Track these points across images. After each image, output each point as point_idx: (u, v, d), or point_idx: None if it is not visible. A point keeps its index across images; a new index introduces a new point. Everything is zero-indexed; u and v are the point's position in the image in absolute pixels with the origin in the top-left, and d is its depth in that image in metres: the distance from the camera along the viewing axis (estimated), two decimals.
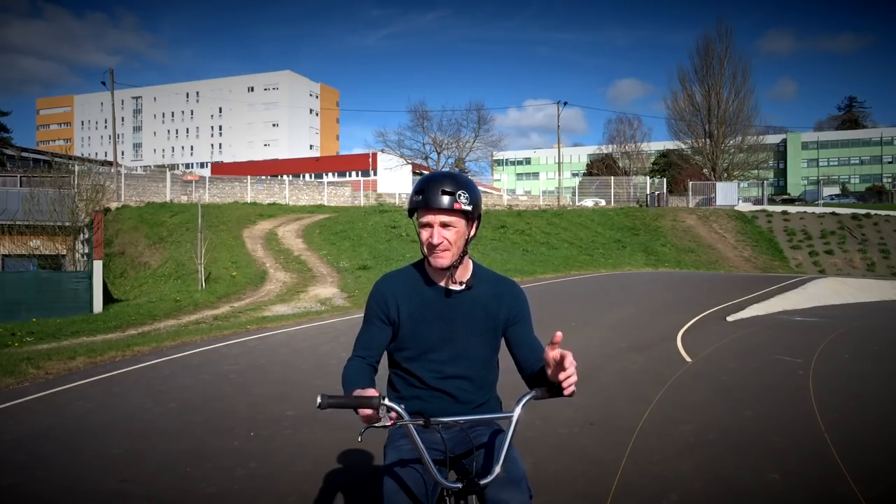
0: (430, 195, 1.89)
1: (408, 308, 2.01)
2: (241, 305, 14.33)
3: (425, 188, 1.91)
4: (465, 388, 2.03)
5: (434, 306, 2.01)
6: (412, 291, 2.03)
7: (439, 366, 2.01)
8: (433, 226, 1.92)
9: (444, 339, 2.01)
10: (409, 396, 2.04)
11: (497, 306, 2.04)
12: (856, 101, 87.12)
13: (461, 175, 1.98)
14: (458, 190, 1.90)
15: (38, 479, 3.89)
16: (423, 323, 2.01)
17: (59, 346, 9.90)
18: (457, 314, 2.01)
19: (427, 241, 1.93)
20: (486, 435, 2.00)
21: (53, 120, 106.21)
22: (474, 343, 2.03)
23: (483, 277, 2.07)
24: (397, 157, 53.28)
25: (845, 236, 30.54)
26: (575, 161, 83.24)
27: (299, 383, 6.55)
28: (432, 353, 2.01)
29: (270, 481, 3.81)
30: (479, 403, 2.07)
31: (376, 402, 1.70)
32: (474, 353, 2.04)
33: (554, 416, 5.06)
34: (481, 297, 2.03)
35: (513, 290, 2.09)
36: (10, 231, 17.69)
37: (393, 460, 1.90)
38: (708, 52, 49.30)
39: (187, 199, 31.41)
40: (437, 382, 2.01)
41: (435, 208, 1.89)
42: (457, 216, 1.92)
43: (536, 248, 25.96)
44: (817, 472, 3.93)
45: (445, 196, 1.89)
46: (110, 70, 39.34)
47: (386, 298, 2.03)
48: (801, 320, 11.72)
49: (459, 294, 2.02)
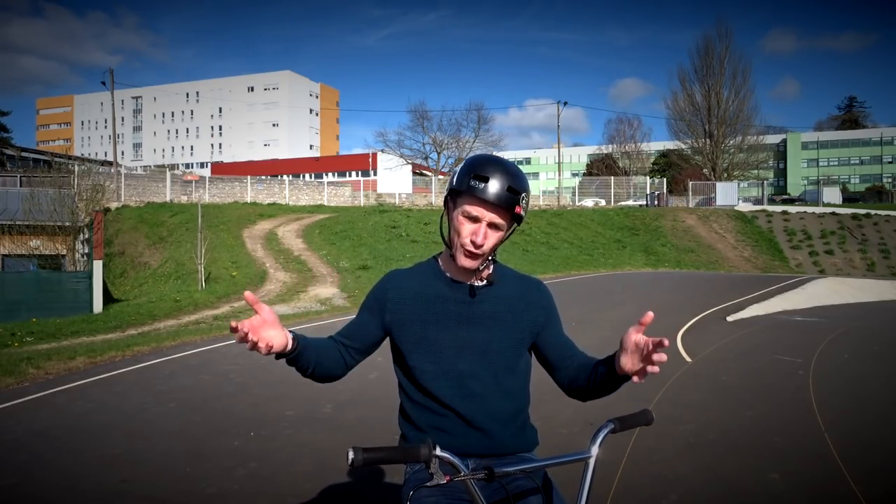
0: (495, 187, 1.57)
1: (415, 307, 1.71)
2: (241, 305, 14.33)
3: (491, 176, 1.58)
4: (491, 406, 1.69)
5: (450, 307, 1.70)
6: (424, 289, 1.73)
7: (460, 379, 1.67)
8: (482, 221, 1.61)
9: (464, 345, 1.68)
10: (425, 426, 1.69)
11: (524, 307, 1.74)
12: (856, 101, 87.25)
13: (524, 174, 1.67)
14: (523, 192, 1.61)
15: (38, 479, 3.89)
16: (434, 325, 1.69)
17: (59, 346, 9.89)
18: (478, 315, 1.70)
19: (470, 237, 1.62)
20: (528, 483, 1.62)
21: (53, 120, 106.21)
22: (503, 348, 1.70)
23: (506, 275, 1.78)
24: (397, 157, 53.31)
25: (845, 236, 30.53)
26: (575, 161, 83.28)
27: (299, 383, 6.52)
28: (450, 362, 1.68)
29: (270, 481, 3.81)
30: (513, 432, 1.73)
31: (427, 452, 1.34)
32: (502, 361, 1.70)
33: (554, 417, 5.07)
34: (505, 295, 1.73)
35: (539, 289, 1.80)
36: (10, 231, 17.70)
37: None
38: (708, 52, 49.42)
39: (187, 199, 31.40)
40: (458, 401, 1.67)
41: (493, 204, 1.59)
42: (508, 219, 1.64)
43: (536, 248, 25.95)
44: (817, 472, 3.93)
45: (510, 193, 1.59)
46: (110, 70, 39.38)
47: (387, 294, 1.74)
48: (801, 320, 11.72)
49: (481, 291, 1.71)
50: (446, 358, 1.68)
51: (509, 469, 1.45)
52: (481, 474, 1.39)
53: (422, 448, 1.35)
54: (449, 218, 1.70)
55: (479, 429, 1.67)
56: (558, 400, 5.61)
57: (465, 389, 1.67)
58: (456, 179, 1.64)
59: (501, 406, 1.70)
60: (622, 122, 65.65)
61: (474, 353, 1.68)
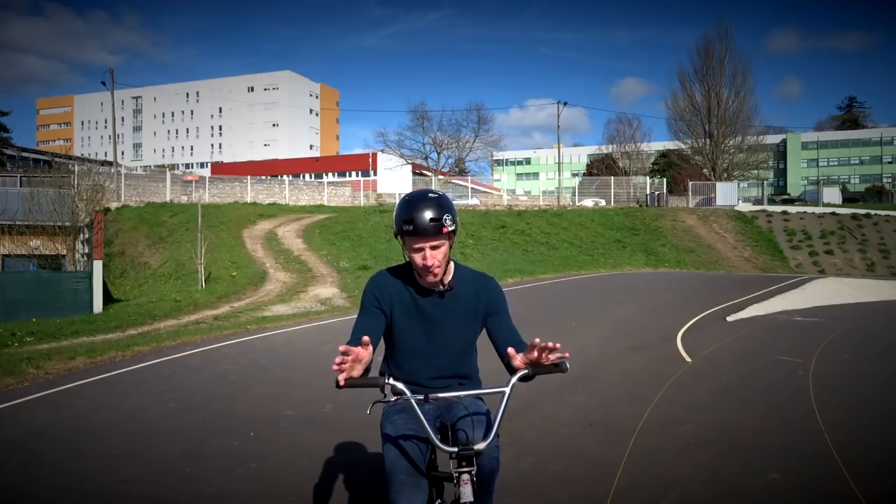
0: (419, 224, 2.03)
1: (400, 306, 2.22)
2: (241, 305, 14.33)
3: (413, 217, 2.03)
4: (450, 373, 2.28)
5: (423, 308, 2.22)
6: (404, 291, 2.23)
7: (429, 359, 2.24)
8: (424, 249, 2.07)
9: (431, 337, 2.23)
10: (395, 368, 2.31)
11: (476, 300, 2.24)
12: (856, 101, 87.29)
13: (442, 197, 2.10)
14: (444, 214, 2.05)
15: (38, 479, 3.89)
16: (411, 320, 2.22)
17: (59, 346, 9.89)
18: (443, 313, 2.22)
19: (422, 265, 2.09)
20: (474, 407, 2.19)
21: (53, 120, 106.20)
22: (459, 335, 2.25)
23: (464, 276, 2.27)
24: (397, 157, 53.33)
25: (845, 236, 30.54)
26: (575, 161, 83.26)
27: (299, 383, 6.55)
28: (421, 349, 2.24)
29: (270, 481, 3.81)
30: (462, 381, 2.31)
31: (381, 381, 1.99)
32: (458, 345, 2.27)
33: (554, 417, 5.07)
34: (463, 295, 2.23)
35: (489, 285, 2.28)
36: (10, 231, 17.68)
37: (392, 433, 2.12)
38: (708, 52, 49.38)
39: (187, 199, 31.41)
40: (427, 376, 2.25)
41: (425, 236, 2.04)
42: (443, 238, 2.08)
43: (536, 248, 25.95)
44: (817, 472, 3.93)
45: (433, 223, 2.03)
46: (110, 70, 39.38)
47: (381, 290, 2.23)
48: (801, 320, 11.73)
49: (449, 294, 2.21)
50: (419, 346, 2.24)
51: (441, 395, 2.07)
52: (420, 396, 2.02)
53: (379, 379, 2.02)
54: (405, 253, 2.18)
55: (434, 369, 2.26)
56: (558, 400, 5.62)
57: (434, 368, 2.26)
58: (394, 227, 2.12)
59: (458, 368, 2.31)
60: (622, 123, 65.60)
61: (438, 341, 2.24)
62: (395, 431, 2.13)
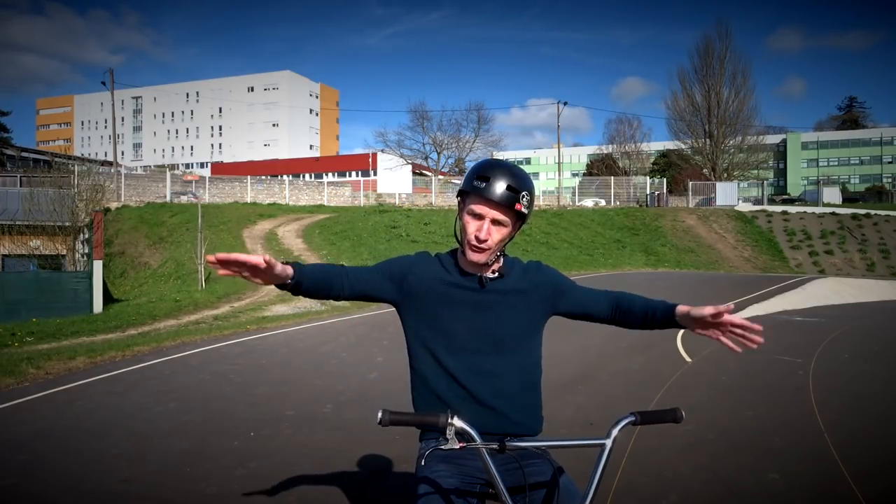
0: (494, 186, 1.72)
1: (431, 286, 1.84)
2: (241, 305, 14.33)
3: (491, 176, 1.72)
4: (499, 383, 1.79)
5: (462, 294, 1.82)
6: (442, 274, 1.85)
7: (471, 358, 1.79)
8: (485, 218, 1.75)
9: (475, 328, 1.80)
10: (435, 401, 1.80)
11: (532, 287, 1.86)
12: (856, 101, 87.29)
13: (527, 175, 1.81)
14: (524, 190, 1.75)
15: (38, 479, 3.89)
16: (447, 308, 1.81)
17: (59, 346, 9.89)
18: (488, 302, 1.82)
19: (474, 234, 1.75)
20: (542, 470, 1.72)
21: (53, 120, 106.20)
22: (511, 329, 1.82)
23: (514, 267, 1.91)
24: (397, 157, 53.36)
25: (845, 236, 30.54)
26: (575, 161, 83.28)
27: (299, 383, 6.55)
28: (462, 342, 1.80)
29: (270, 481, 3.81)
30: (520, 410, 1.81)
31: (444, 421, 1.49)
32: (510, 343, 1.81)
33: (554, 417, 5.06)
34: (513, 284, 1.85)
35: (540, 267, 1.94)
36: (10, 231, 17.69)
37: (427, 490, 1.67)
38: (708, 52, 49.37)
39: (187, 200, 31.41)
40: (468, 377, 1.78)
41: (494, 202, 1.73)
42: (511, 216, 1.77)
43: (536, 248, 25.95)
44: (817, 472, 3.93)
45: (509, 192, 1.73)
46: (110, 70, 39.37)
47: (413, 269, 1.87)
48: (801, 320, 11.73)
49: (491, 282, 1.83)
50: (459, 338, 1.80)
51: (521, 444, 1.59)
52: (494, 445, 1.51)
53: (441, 416, 1.50)
54: (460, 217, 1.83)
55: (486, 406, 1.77)
56: (558, 400, 5.62)
57: (475, 367, 1.79)
58: (464, 181, 1.79)
59: (509, 384, 1.80)
60: (622, 122, 65.73)
61: (484, 335, 1.80)
62: (434, 486, 1.67)
